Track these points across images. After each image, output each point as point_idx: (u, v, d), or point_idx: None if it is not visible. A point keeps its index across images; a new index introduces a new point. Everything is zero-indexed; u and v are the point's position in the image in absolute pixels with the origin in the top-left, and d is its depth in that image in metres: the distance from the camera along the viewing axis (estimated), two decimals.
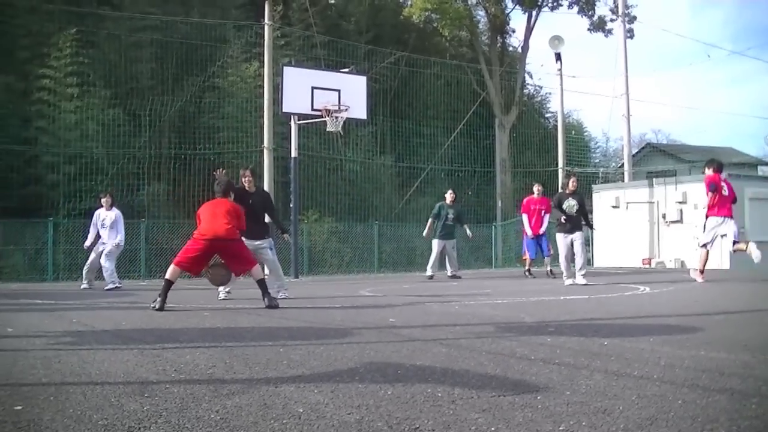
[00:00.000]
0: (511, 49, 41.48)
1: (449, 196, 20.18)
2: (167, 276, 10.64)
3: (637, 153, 44.48)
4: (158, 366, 5.47)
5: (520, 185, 36.41)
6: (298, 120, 22.38)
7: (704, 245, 15.94)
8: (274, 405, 4.12)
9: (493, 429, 3.55)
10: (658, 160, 44.85)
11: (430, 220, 20.09)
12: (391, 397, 4.34)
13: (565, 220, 16.25)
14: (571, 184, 16.75)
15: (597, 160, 47.84)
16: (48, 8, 26.53)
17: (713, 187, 15.55)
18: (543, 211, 20.31)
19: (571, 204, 16.28)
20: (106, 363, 5.62)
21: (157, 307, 10.23)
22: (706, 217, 16.11)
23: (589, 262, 19.35)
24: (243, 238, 12.03)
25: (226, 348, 6.51)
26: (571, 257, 16.49)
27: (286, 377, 5.01)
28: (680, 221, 24.92)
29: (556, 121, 35.07)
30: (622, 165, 34.69)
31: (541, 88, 45.18)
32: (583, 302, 11.55)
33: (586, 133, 46.12)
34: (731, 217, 15.74)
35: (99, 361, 5.70)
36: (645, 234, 25.82)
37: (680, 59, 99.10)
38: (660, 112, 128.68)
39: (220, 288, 12.38)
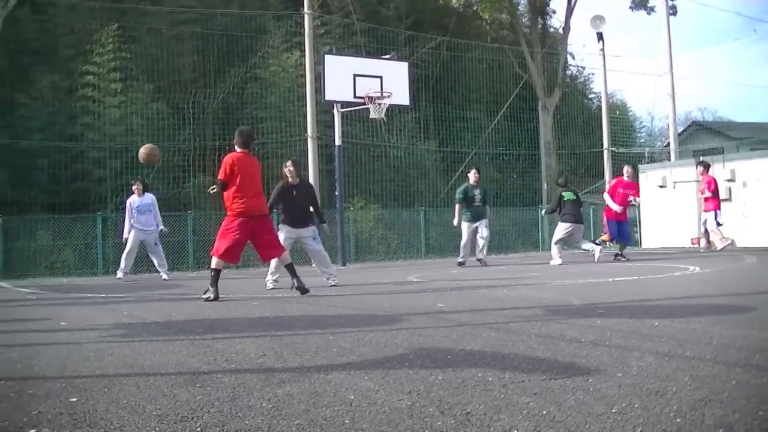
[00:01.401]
0: (552, 30, 41.16)
1: (473, 175, 18.99)
2: (213, 266, 10.69)
3: (683, 131, 44.01)
4: (209, 356, 5.51)
5: (565, 167, 36.18)
6: (341, 108, 22.37)
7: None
8: (325, 393, 4.13)
9: (544, 412, 3.53)
10: (704, 138, 44.31)
11: (457, 205, 18.99)
12: (442, 382, 4.33)
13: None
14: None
15: (642, 140, 47.51)
16: (89, 5, 26.74)
17: None
18: (630, 195, 19.74)
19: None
20: (158, 354, 5.67)
21: (211, 297, 10.29)
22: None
23: (634, 242, 19.07)
24: (287, 227, 12.45)
25: (275, 337, 6.53)
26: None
27: (336, 365, 5.02)
28: (729, 199, 24.58)
29: (600, 101, 34.81)
30: (668, 144, 34.28)
31: (583, 68, 44.87)
32: (632, 283, 11.47)
33: (630, 113, 45.78)
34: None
35: (151, 353, 5.75)
36: (693, 213, 25.52)
37: (725, 35, 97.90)
38: (705, 89, 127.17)
39: (268, 277, 12.45)
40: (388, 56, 24.16)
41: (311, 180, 22.97)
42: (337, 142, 22.46)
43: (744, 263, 15.05)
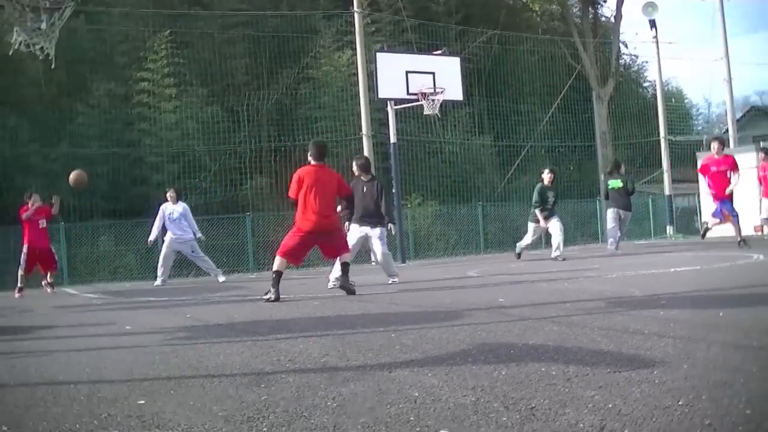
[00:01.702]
0: (603, 19, 40.78)
1: (548, 176, 17.91)
2: (275, 268, 10.73)
3: (741, 117, 43.23)
4: (273, 356, 5.55)
5: (622, 158, 35.80)
6: (395, 105, 22.39)
7: None
8: (389, 390, 4.14)
9: (610, 406, 3.51)
10: (764, 123, 43.52)
11: (537, 210, 17.63)
12: (506, 377, 4.33)
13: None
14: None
15: (700, 127, 46.87)
16: (142, 13, 27.05)
17: None
18: (728, 171, 17.87)
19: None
20: (222, 356, 5.72)
21: (272, 298, 10.31)
22: None
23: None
24: (356, 226, 12.63)
25: (338, 336, 6.56)
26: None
27: (399, 362, 5.04)
28: None
29: (655, 90, 34.44)
30: (726, 131, 33.80)
31: (636, 57, 44.32)
32: (695, 273, 11.36)
33: (686, 100, 45.21)
34: None
35: (215, 354, 5.81)
36: (755, 200, 25.12)
37: None
38: (764, 73, 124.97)
39: (330, 276, 12.45)
40: (439, 52, 24.12)
41: None
42: (392, 139, 22.49)
43: None
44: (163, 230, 17.34)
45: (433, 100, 21.38)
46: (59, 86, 25.89)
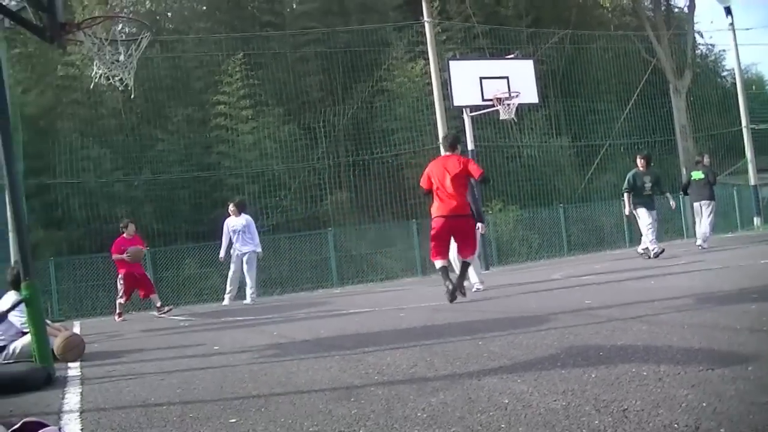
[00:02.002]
0: (676, 10, 40.14)
1: (640, 161, 17.62)
2: (438, 267, 10.97)
3: None
4: (361, 370, 5.56)
5: (704, 150, 35.21)
6: (471, 112, 22.35)
7: None
8: (478, 398, 4.12)
9: (704, 404, 3.45)
10: None
11: (625, 194, 17.20)
12: (596, 380, 4.28)
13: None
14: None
15: None
16: (215, 38, 27.46)
17: None
18: None
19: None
20: (311, 371, 5.75)
21: (450, 289, 10.49)
22: None
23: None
24: None
25: (425, 346, 6.55)
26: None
27: (487, 369, 5.01)
28: None
29: (734, 78, 33.82)
30: None
31: (713, 46, 43.55)
32: None
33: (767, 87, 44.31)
34: None
35: (303, 371, 5.84)
36: None
37: None
38: None
39: (474, 280, 12.49)
40: (512, 56, 24.04)
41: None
42: (470, 146, 22.43)
43: None
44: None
45: (508, 105, 21.28)
46: (139, 115, 26.40)
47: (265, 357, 7.13)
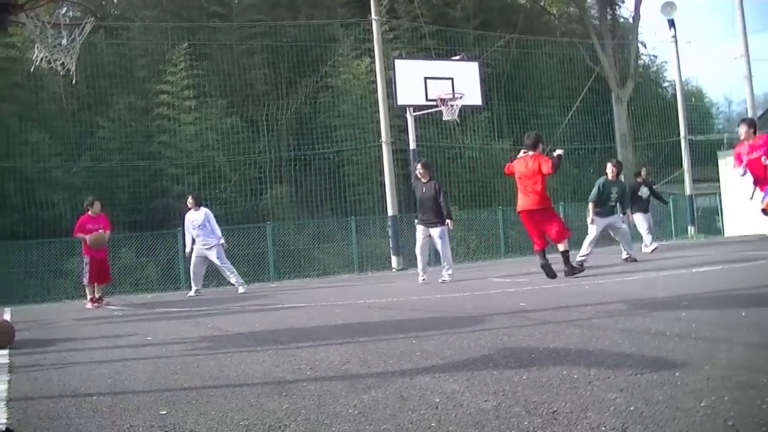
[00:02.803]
0: (622, 20, 40.62)
1: (611, 169, 16.26)
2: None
3: (762, 114, 42.97)
4: (294, 365, 5.55)
5: (643, 158, 35.67)
6: (414, 111, 22.41)
7: None
8: (410, 397, 4.13)
9: (632, 408, 3.50)
10: None
11: (590, 205, 15.86)
12: (527, 381, 4.31)
13: None
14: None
15: (720, 126, 46.61)
16: (160, 27, 27.21)
17: None
18: (764, 157, 13.74)
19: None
20: (243, 365, 5.73)
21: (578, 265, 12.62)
22: None
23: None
24: (420, 227, 14.65)
25: (359, 343, 6.56)
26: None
27: (420, 368, 5.03)
28: None
29: (675, 89, 34.28)
30: None
31: (656, 57, 44.17)
32: (716, 274, 11.30)
33: (707, 99, 45.07)
34: None
35: (236, 364, 5.82)
36: None
37: None
38: None
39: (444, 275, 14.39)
40: (458, 57, 24.14)
41: (387, 186, 23.04)
42: (412, 146, 22.50)
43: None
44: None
45: (452, 106, 21.37)
46: (80, 101, 26.00)
47: (199, 349, 7.09)
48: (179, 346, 7.39)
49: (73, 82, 13.22)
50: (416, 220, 15.11)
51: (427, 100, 21.51)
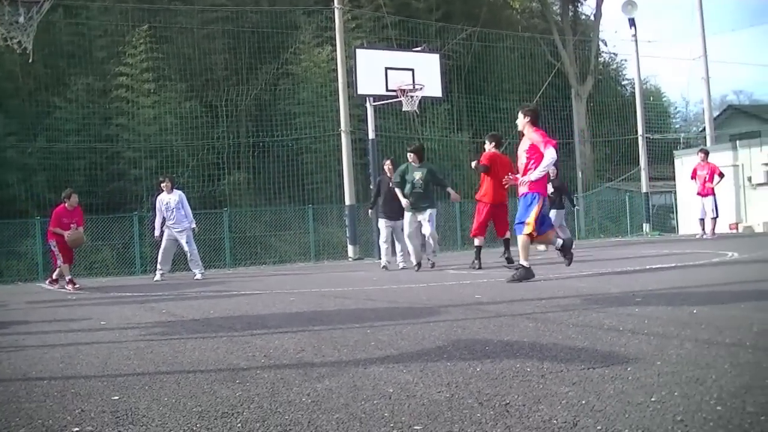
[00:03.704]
0: (583, 17, 40.98)
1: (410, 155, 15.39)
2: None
3: (718, 116, 43.45)
4: (248, 352, 5.54)
5: (600, 155, 36.00)
6: (374, 101, 22.41)
7: None
8: (364, 386, 4.14)
9: (583, 402, 3.53)
10: (741, 121, 43.80)
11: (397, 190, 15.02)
12: (480, 373, 4.33)
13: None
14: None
15: (677, 125, 47.12)
16: (121, 7, 26.96)
17: None
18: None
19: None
20: (197, 351, 5.71)
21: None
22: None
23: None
24: (384, 219, 15.63)
25: (313, 332, 6.55)
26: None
27: (374, 358, 5.03)
28: (767, 183, 24.37)
29: (634, 88, 34.56)
30: (704, 129, 34.03)
31: (616, 55, 44.59)
32: (670, 271, 11.40)
33: (664, 99, 45.50)
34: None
35: (190, 350, 5.79)
36: (731, 198, 25.30)
37: (760, 16, 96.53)
38: (741, 72, 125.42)
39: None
40: (419, 48, 24.16)
41: (345, 175, 23.03)
42: (371, 135, 22.51)
43: None
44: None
45: (411, 97, 21.38)
46: (37, 80, 25.71)
47: (152, 335, 7.05)
48: (133, 331, 7.34)
49: (30, 61, 13.05)
50: (379, 213, 15.72)
51: (387, 90, 21.51)
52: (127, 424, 3.59)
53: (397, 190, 14.74)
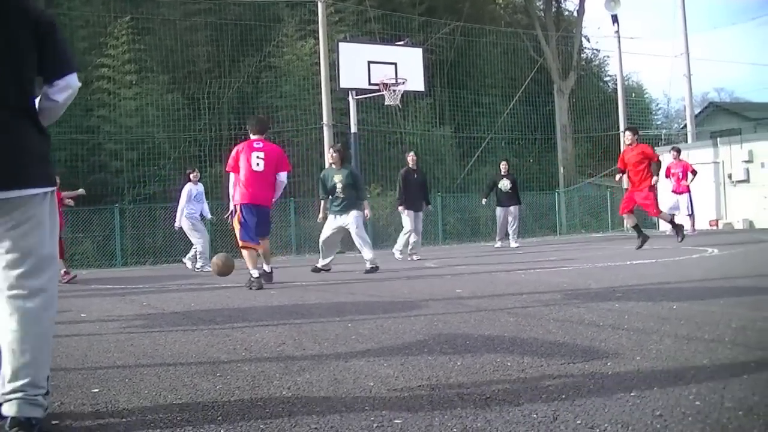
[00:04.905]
0: (566, 13, 40.96)
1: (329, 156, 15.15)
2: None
3: (699, 113, 43.62)
4: (229, 345, 5.54)
5: (582, 151, 36.06)
6: (356, 95, 22.38)
7: None
8: (344, 380, 4.15)
9: (563, 396, 3.55)
10: (722, 119, 43.99)
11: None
12: (461, 368, 4.35)
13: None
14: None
15: (659, 122, 47.28)
16: None
17: None
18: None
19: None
20: (178, 344, 5.71)
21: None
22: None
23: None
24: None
25: (294, 325, 6.56)
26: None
27: (355, 352, 5.05)
28: (747, 181, 24.50)
29: (616, 84, 34.63)
30: (685, 126, 34.15)
31: (598, 51, 44.61)
32: (650, 266, 11.45)
33: (646, 95, 45.50)
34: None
35: (171, 343, 5.79)
36: (711, 195, 25.41)
37: (742, 14, 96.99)
38: (722, 69, 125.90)
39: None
40: (402, 42, 24.12)
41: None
42: (353, 129, 22.48)
43: (763, 245, 14.97)
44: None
45: (394, 91, 21.38)
46: None
47: (133, 327, 7.03)
48: (113, 323, 7.33)
49: None
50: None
51: (369, 84, 21.48)
52: (107, 416, 3.59)
53: (323, 203, 13.87)
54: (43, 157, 3.62)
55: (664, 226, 20.72)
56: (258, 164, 11.23)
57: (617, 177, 17.17)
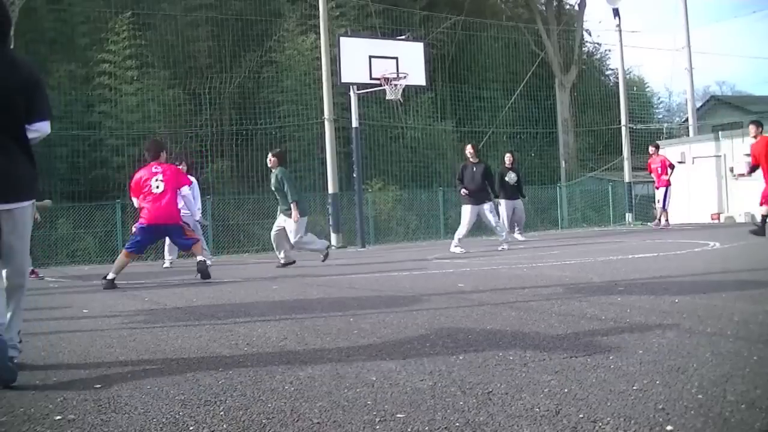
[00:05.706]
0: (568, 7, 40.95)
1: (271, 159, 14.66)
2: None
3: (701, 106, 43.60)
4: (231, 340, 5.54)
5: (584, 145, 36.06)
6: (358, 90, 22.35)
7: None
8: (346, 374, 4.15)
9: (566, 390, 3.55)
10: (723, 112, 43.95)
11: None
12: (463, 362, 4.35)
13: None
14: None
15: (660, 116, 47.32)
16: None
17: None
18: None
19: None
20: (180, 339, 5.71)
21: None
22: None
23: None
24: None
25: (296, 320, 6.57)
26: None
27: (357, 346, 5.05)
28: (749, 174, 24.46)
29: (617, 78, 34.58)
30: (687, 119, 34.12)
31: (600, 45, 44.63)
32: (652, 260, 11.45)
33: (648, 89, 45.56)
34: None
35: (173, 338, 5.79)
36: (713, 188, 25.38)
37: (743, 7, 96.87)
38: (724, 63, 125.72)
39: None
40: (403, 37, 24.10)
41: (328, 163, 22.97)
42: (354, 124, 22.46)
43: (765, 239, 14.95)
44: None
45: (395, 85, 21.36)
46: None
47: (135, 323, 7.04)
48: (115, 319, 7.33)
49: (11, 47, 12.95)
50: (462, 199, 16.52)
51: (371, 78, 21.46)
52: (109, 412, 3.59)
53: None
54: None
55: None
56: (158, 186, 11.75)
57: (746, 171, 17.09)
